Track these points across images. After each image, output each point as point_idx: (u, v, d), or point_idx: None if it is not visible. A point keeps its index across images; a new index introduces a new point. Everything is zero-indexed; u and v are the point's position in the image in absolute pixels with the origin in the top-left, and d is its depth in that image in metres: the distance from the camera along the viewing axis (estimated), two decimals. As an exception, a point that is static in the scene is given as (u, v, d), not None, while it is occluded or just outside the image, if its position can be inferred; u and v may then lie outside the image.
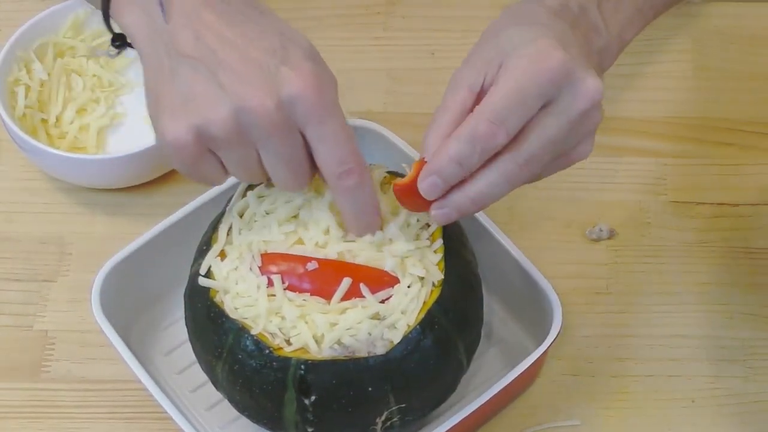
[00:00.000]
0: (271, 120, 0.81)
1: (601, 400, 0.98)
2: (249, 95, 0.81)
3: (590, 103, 0.80)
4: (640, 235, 1.06)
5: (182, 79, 0.84)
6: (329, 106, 0.82)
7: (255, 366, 0.85)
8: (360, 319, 0.84)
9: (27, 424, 0.98)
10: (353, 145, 0.84)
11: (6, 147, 1.12)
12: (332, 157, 0.83)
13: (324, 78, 0.83)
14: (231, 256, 0.88)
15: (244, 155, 0.84)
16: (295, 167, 0.84)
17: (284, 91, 0.81)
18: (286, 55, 0.83)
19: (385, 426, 0.88)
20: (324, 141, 0.83)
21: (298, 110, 0.82)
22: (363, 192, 0.85)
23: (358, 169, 0.84)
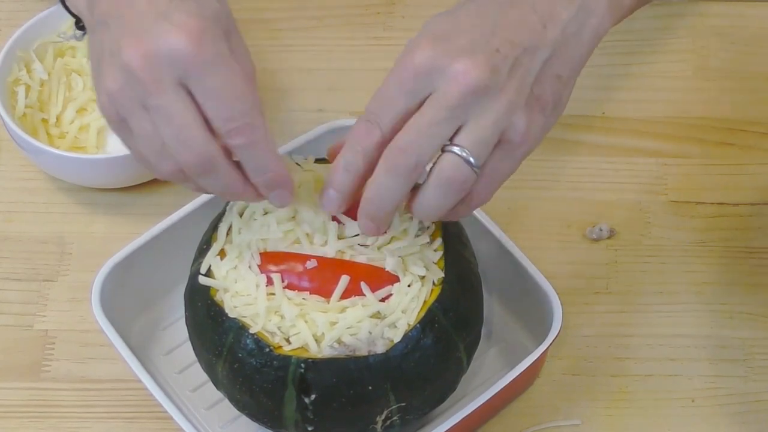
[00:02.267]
0: (143, 73, 0.79)
1: (601, 400, 0.98)
2: (124, 48, 0.79)
3: (464, 86, 0.78)
4: (640, 235, 1.06)
5: (96, 39, 0.83)
6: (209, 60, 0.79)
7: (255, 365, 0.85)
8: (360, 318, 0.84)
9: (27, 424, 0.98)
10: (241, 101, 0.80)
11: (6, 147, 1.12)
12: (216, 115, 0.80)
13: (208, 34, 0.80)
14: (230, 255, 0.88)
15: (140, 121, 0.81)
16: (179, 129, 0.80)
17: (160, 42, 0.79)
18: (177, 8, 0.80)
19: (385, 425, 0.88)
20: (205, 96, 0.80)
21: (175, 64, 0.79)
22: (255, 151, 0.81)
23: (246, 128, 0.80)
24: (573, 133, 1.12)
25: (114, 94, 0.81)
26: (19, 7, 1.20)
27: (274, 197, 0.84)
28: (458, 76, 0.78)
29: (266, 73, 1.16)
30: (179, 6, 0.80)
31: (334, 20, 1.20)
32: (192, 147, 0.80)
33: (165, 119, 0.80)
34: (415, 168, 0.79)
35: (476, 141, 0.79)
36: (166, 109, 0.80)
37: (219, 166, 0.81)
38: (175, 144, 0.80)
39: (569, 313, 0.97)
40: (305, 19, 1.20)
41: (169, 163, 0.82)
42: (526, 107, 0.80)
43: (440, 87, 0.78)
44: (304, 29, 1.20)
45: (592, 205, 1.08)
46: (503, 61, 0.79)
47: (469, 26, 0.80)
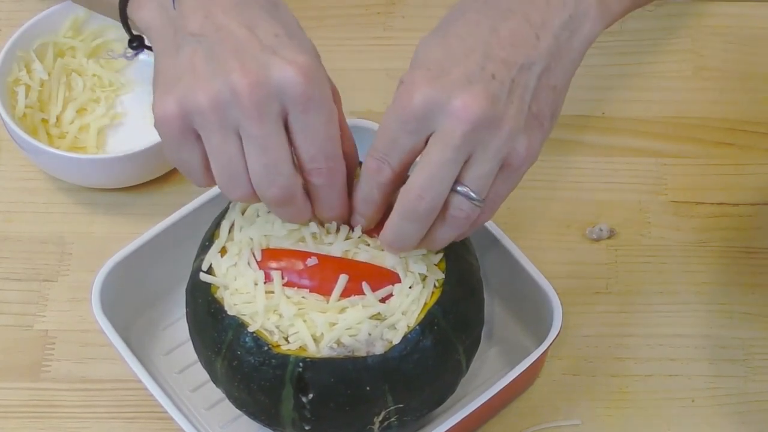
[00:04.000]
0: (252, 100, 0.80)
1: (601, 400, 0.98)
2: (235, 71, 0.80)
3: (466, 123, 0.79)
4: (640, 235, 1.06)
5: (184, 54, 0.83)
6: (316, 99, 0.81)
7: (253, 362, 0.85)
8: (360, 319, 0.84)
9: (27, 424, 0.98)
10: (331, 145, 0.83)
11: (6, 147, 1.12)
12: (305, 151, 0.82)
13: (318, 74, 0.82)
14: (231, 252, 0.88)
15: (226, 143, 0.82)
16: (272, 161, 0.81)
17: (273, 74, 0.80)
18: (285, 45, 0.82)
19: (382, 426, 0.88)
20: (301, 132, 0.82)
21: (285, 96, 0.81)
22: (330, 192, 0.84)
23: (327, 172, 0.83)
24: (573, 133, 1.12)
25: (204, 108, 0.81)
26: (19, 7, 1.20)
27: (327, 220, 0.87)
28: (459, 113, 0.79)
29: (266, 73, 1.16)
30: (286, 42, 0.82)
31: (334, 20, 1.20)
32: (279, 181, 0.82)
33: (260, 149, 0.81)
34: (432, 211, 0.82)
35: (480, 177, 0.81)
36: (263, 139, 0.81)
37: (297, 200, 0.84)
38: (264, 174, 0.82)
39: (569, 313, 0.97)
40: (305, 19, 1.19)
41: (243, 188, 0.84)
42: (526, 129, 0.81)
43: (442, 125, 0.79)
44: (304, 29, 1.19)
45: (592, 205, 1.08)
46: (500, 87, 0.80)
47: (462, 52, 0.80)
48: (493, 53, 0.80)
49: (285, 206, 0.84)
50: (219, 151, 0.82)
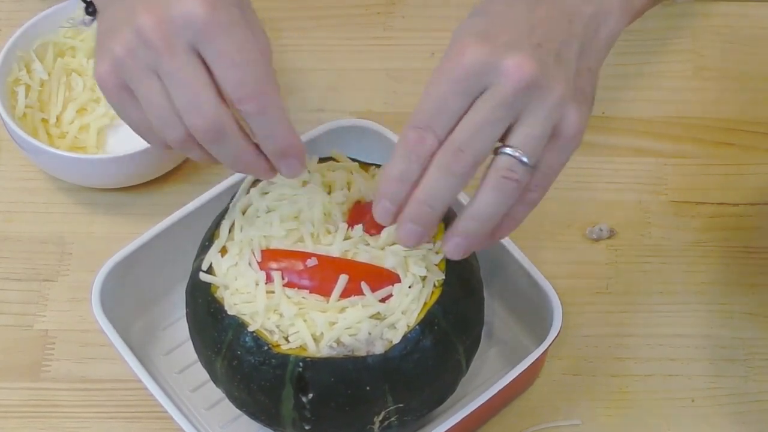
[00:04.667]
0: (156, 37, 0.80)
1: (601, 400, 0.98)
2: (138, 13, 0.80)
3: (518, 81, 0.77)
4: (640, 235, 1.06)
5: (108, 15, 0.84)
6: (222, 24, 0.80)
7: (253, 362, 0.85)
8: (360, 318, 0.84)
9: (27, 423, 0.98)
10: (252, 68, 0.81)
11: (6, 147, 1.12)
12: (227, 79, 0.81)
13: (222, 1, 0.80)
14: (231, 252, 0.88)
15: (148, 87, 0.81)
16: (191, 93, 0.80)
17: (174, 8, 0.80)
18: None
19: (382, 425, 0.88)
20: (216, 60, 0.80)
21: (189, 28, 0.80)
22: (266, 117, 0.81)
23: (258, 94, 0.81)
24: (573, 133, 1.12)
25: (122, 58, 0.81)
26: (19, 7, 1.20)
27: (285, 167, 0.84)
28: (511, 70, 0.77)
29: (266, 73, 1.16)
30: None
31: (334, 20, 1.20)
32: (203, 111, 0.81)
33: (177, 84, 0.80)
34: (473, 167, 0.78)
35: (530, 138, 0.78)
36: (178, 73, 0.80)
37: (230, 133, 0.82)
38: (187, 108, 0.81)
39: (569, 313, 0.97)
40: (305, 19, 1.20)
41: (177, 130, 0.82)
42: (575, 99, 0.80)
43: (494, 83, 0.78)
44: (304, 29, 1.20)
45: (592, 205, 1.08)
46: (547, 54, 0.79)
47: (505, 24, 0.79)
48: (534, 28, 0.79)
49: (220, 142, 0.82)
50: (145, 96, 0.82)
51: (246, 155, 0.83)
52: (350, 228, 0.88)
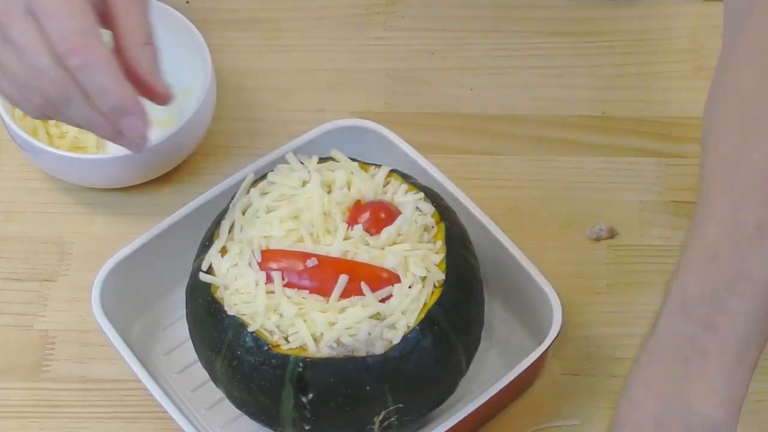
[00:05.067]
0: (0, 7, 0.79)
1: (601, 400, 0.98)
2: None
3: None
4: (640, 235, 1.06)
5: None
6: None
7: (253, 362, 0.85)
8: (359, 318, 0.84)
9: (27, 423, 0.98)
10: (78, 19, 0.79)
11: (6, 147, 1.12)
12: (52, 36, 0.79)
13: None
14: (231, 252, 0.88)
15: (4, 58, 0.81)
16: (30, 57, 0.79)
17: None
18: None
19: (382, 425, 0.88)
20: (45, 17, 0.79)
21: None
22: (93, 72, 0.80)
23: (82, 46, 0.79)
24: (573, 133, 1.12)
25: None
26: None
27: (127, 128, 0.82)
28: None
29: (266, 73, 1.16)
30: None
31: (334, 20, 1.20)
32: (45, 73, 0.80)
33: (19, 49, 0.80)
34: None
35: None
36: (18, 38, 0.80)
37: (75, 95, 0.80)
38: (31, 73, 0.80)
39: (569, 313, 0.97)
40: (305, 19, 1.20)
41: (35, 97, 0.81)
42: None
43: None
44: (304, 29, 1.20)
45: (592, 205, 1.08)
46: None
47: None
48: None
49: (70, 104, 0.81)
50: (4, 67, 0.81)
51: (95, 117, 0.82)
52: (350, 228, 0.88)
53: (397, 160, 0.98)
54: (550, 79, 1.15)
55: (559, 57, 1.17)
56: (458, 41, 1.18)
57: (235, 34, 1.18)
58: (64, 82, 0.80)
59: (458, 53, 1.17)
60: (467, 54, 1.17)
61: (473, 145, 1.11)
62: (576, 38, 1.18)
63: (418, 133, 1.10)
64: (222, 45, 1.15)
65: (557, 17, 1.19)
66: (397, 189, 0.92)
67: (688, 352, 0.77)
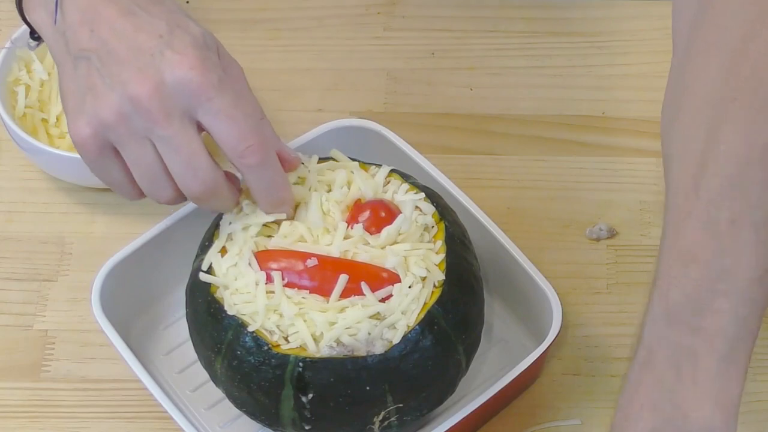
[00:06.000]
0: (153, 105, 0.81)
1: (601, 400, 0.98)
2: (131, 81, 0.82)
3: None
4: (640, 235, 1.06)
5: (80, 73, 0.84)
6: (215, 84, 0.82)
7: (253, 362, 0.85)
8: (359, 318, 0.84)
9: (27, 424, 0.98)
10: (252, 122, 0.83)
11: (6, 147, 1.12)
12: (228, 135, 0.83)
13: (208, 61, 0.82)
14: (231, 252, 0.88)
15: (140, 151, 0.83)
16: (187, 157, 0.83)
17: (166, 74, 0.81)
18: (171, 41, 0.83)
19: (382, 425, 0.88)
20: (215, 120, 0.82)
21: (184, 93, 0.81)
22: (268, 169, 0.84)
23: (259, 147, 0.83)
24: (573, 133, 1.12)
25: (112, 124, 0.83)
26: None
27: (277, 212, 0.88)
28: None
29: (266, 73, 1.16)
30: (172, 40, 0.83)
31: (334, 20, 1.20)
32: (200, 175, 0.83)
33: (173, 149, 0.83)
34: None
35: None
36: (174, 139, 0.82)
37: (223, 191, 0.85)
38: (183, 173, 0.83)
39: (569, 313, 0.97)
40: (305, 19, 1.20)
41: (167, 191, 0.85)
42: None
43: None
44: (304, 29, 1.20)
45: (592, 205, 1.08)
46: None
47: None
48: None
49: (211, 200, 0.85)
50: (136, 160, 0.84)
51: (231, 206, 0.88)
52: (350, 227, 0.88)
53: (397, 160, 0.98)
54: (550, 79, 1.15)
55: (559, 57, 1.17)
56: (458, 41, 1.18)
57: (235, 34, 1.18)
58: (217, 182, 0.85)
59: (458, 53, 1.17)
60: (467, 54, 1.17)
61: (473, 145, 1.11)
62: (576, 38, 1.18)
63: (418, 133, 1.10)
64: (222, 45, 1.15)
65: (557, 17, 1.19)
66: (397, 188, 0.92)
67: (678, 359, 0.76)
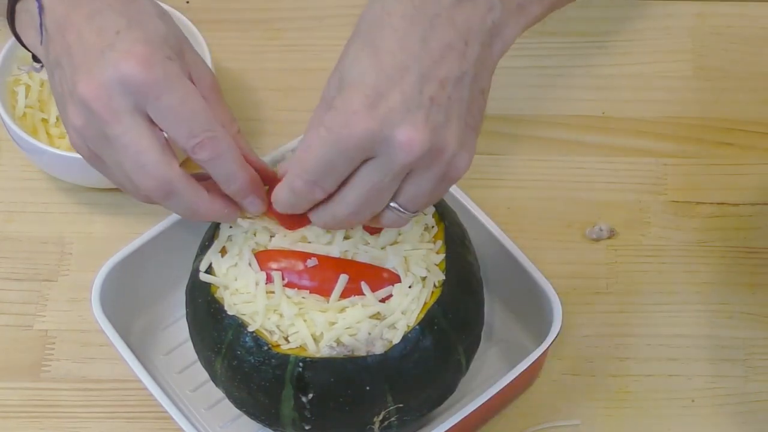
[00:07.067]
0: (99, 105, 0.81)
1: (601, 400, 0.98)
2: (80, 83, 0.81)
3: (409, 155, 0.77)
4: (640, 235, 1.06)
5: (55, 81, 0.85)
6: (160, 81, 0.80)
7: (253, 362, 0.85)
8: (360, 318, 0.84)
9: (27, 423, 0.98)
10: (200, 117, 0.82)
11: (6, 147, 1.12)
12: (177, 133, 0.82)
13: (155, 57, 0.81)
14: (231, 252, 0.88)
15: (108, 153, 0.83)
16: (134, 156, 0.81)
17: (109, 73, 0.80)
18: (123, 38, 0.82)
19: (382, 425, 0.88)
20: (163, 117, 0.81)
21: (128, 90, 0.81)
22: (221, 162, 0.83)
23: (208, 142, 0.82)
24: (573, 133, 1.12)
25: (80, 130, 0.83)
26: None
27: (248, 204, 0.86)
28: (402, 146, 0.77)
29: (266, 73, 1.16)
30: (125, 36, 0.82)
31: (334, 20, 1.20)
32: (148, 172, 0.82)
33: (123, 148, 0.82)
34: (362, 223, 0.83)
35: (416, 195, 0.80)
36: (121, 137, 0.81)
37: (179, 188, 0.83)
38: (133, 171, 0.82)
39: (569, 313, 0.97)
40: (305, 19, 1.20)
41: (137, 191, 0.85)
42: (464, 143, 0.80)
43: (384, 154, 0.78)
44: (304, 29, 1.20)
45: (592, 205, 1.08)
46: (439, 111, 0.78)
47: (396, 71, 0.77)
48: (428, 72, 0.77)
49: (171, 198, 0.83)
50: (109, 162, 0.84)
51: (197, 205, 0.85)
52: (350, 227, 0.88)
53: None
54: (550, 79, 1.15)
55: (559, 57, 1.17)
56: (458, 41, 1.18)
57: (235, 34, 1.18)
58: (168, 179, 0.82)
59: (458, 53, 1.17)
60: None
61: (473, 145, 1.11)
62: (576, 38, 1.18)
63: (417, 133, 1.10)
64: (222, 45, 1.15)
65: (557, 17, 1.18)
66: (397, 189, 0.92)
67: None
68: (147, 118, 0.82)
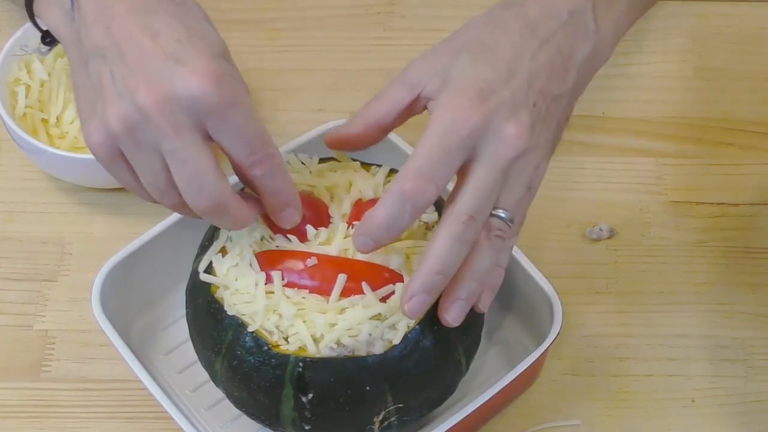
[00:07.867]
0: (161, 118, 0.80)
1: (601, 400, 0.98)
2: (139, 90, 0.80)
3: (514, 149, 0.82)
4: (640, 235, 1.06)
5: (93, 71, 0.83)
6: (228, 102, 0.80)
7: (253, 362, 0.85)
8: (360, 319, 0.84)
9: (27, 423, 0.98)
10: (260, 135, 0.83)
11: (6, 147, 1.12)
12: (237, 151, 0.82)
13: (224, 77, 0.81)
14: (232, 252, 0.88)
15: (147, 161, 0.82)
16: (193, 172, 0.81)
17: (178, 88, 0.80)
18: (187, 49, 0.81)
19: (382, 425, 0.88)
20: (227, 137, 0.82)
21: (196, 109, 0.80)
22: (274, 178, 0.84)
23: (266, 159, 0.83)
24: (573, 133, 1.12)
25: (120, 132, 0.82)
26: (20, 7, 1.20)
27: (284, 218, 0.86)
28: (510, 139, 0.82)
29: (266, 73, 1.16)
30: (188, 47, 0.81)
31: (334, 20, 1.20)
32: (205, 190, 0.82)
33: (180, 162, 0.81)
34: (478, 234, 0.83)
35: (515, 200, 0.84)
36: (181, 152, 0.81)
37: (230, 207, 0.84)
38: (189, 186, 0.82)
39: (569, 313, 0.97)
40: (305, 19, 1.20)
41: (172, 199, 0.84)
42: (548, 156, 0.86)
43: (491, 149, 0.82)
44: (304, 29, 1.20)
45: (592, 205, 1.08)
46: (539, 116, 0.83)
47: (509, 75, 0.83)
48: (534, 81, 0.83)
49: (220, 215, 0.84)
50: (143, 169, 0.83)
51: (244, 221, 0.86)
52: (350, 227, 0.88)
53: (398, 160, 0.98)
54: (550, 79, 1.15)
55: (559, 57, 1.17)
56: (458, 41, 1.18)
57: (235, 34, 1.18)
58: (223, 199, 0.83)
59: (458, 53, 1.17)
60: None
61: (473, 145, 1.11)
62: (576, 38, 1.18)
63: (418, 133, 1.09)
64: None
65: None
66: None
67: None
68: (205, 134, 0.82)
